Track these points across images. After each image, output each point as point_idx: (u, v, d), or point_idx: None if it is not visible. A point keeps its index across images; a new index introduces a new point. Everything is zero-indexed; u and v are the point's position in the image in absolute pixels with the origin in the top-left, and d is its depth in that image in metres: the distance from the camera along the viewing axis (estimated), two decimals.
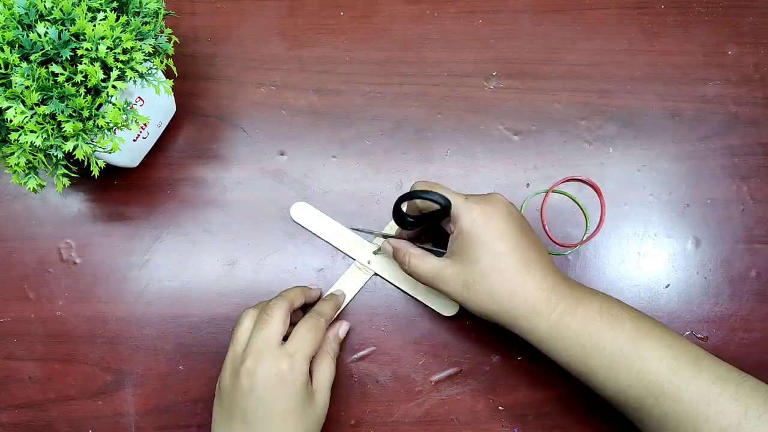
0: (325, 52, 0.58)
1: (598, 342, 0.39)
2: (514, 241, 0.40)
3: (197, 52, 0.58)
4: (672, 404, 0.37)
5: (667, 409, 0.37)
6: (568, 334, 0.39)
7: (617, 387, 0.39)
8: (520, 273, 0.40)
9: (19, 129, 0.39)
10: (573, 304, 0.40)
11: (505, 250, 0.40)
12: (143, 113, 0.46)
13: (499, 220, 0.41)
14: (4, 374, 0.52)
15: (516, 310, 0.40)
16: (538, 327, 0.40)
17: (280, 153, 0.55)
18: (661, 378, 0.37)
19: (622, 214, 0.54)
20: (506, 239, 0.40)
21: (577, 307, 0.40)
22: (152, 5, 0.44)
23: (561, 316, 0.39)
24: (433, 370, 0.51)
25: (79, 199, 0.54)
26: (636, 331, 0.39)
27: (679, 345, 0.39)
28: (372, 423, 0.50)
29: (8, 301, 0.53)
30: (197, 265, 0.53)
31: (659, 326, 0.40)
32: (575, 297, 0.40)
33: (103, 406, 0.51)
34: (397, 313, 0.52)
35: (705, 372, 0.37)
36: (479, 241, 0.40)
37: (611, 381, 0.39)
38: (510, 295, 0.40)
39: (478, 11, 0.58)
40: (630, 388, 0.38)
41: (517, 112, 0.56)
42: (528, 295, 0.40)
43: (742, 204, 0.54)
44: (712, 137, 0.55)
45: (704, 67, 0.57)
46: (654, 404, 0.38)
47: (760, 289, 0.52)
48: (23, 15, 0.39)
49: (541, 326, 0.40)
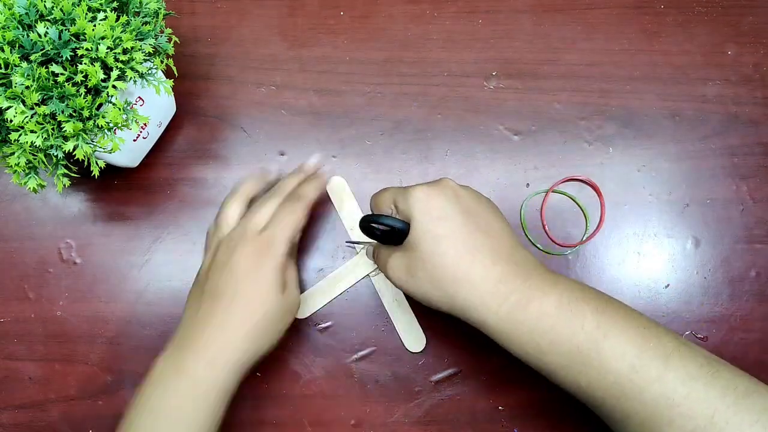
0: (325, 52, 0.58)
1: (553, 339, 0.36)
2: (457, 222, 0.38)
3: (197, 52, 0.58)
4: (634, 406, 0.34)
5: (629, 411, 0.35)
6: (520, 329, 0.36)
7: (577, 386, 0.36)
8: (463, 258, 0.37)
9: (20, 129, 0.39)
10: (525, 297, 0.36)
11: (446, 233, 0.37)
12: (143, 113, 0.46)
13: (440, 200, 0.38)
14: (4, 374, 0.52)
15: (464, 299, 0.37)
16: (487, 320, 0.37)
17: (280, 153, 0.55)
18: (622, 379, 0.34)
19: (622, 214, 0.54)
20: (447, 220, 0.38)
21: (530, 300, 0.36)
22: (152, 5, 0.44)
23: (511, 309, 0.36)
24: (433, 370, 0.51)
25: (79, 199, 0.54)
26: (597, 327, 0.35)
27: (645, 340, 0.35)
28: (372, 423, 0.50)
29: (8, 301, 0.53)
30: (197, 265, 0.53)
31: (626, 317, 0.36)
32: (529, 289, 0.37)
33: (103, 407, 0.51)
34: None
35: (672, 372, 0.34)
36: (419, 223, 0.38)
37: (569, 379, 0.36)
38: (453, 281, 0.37)
39: (478, 11, 0.58)
40: (590, 388, 0.35)
41: (517, 112, 0.56)
42: (475, 284, 0.37)
43: (741, 204, 0.54)
44: (712, 137, 0.55)
45: (704, 67, 0.57)
46: (615, 405, 0.35)
47: (760, 289, 0.52)
48: (23, 15, 0.39)
49: (489, 319, 0.37)
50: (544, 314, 0.36)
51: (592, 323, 0.35)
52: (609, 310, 0.37)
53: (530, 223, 0.54)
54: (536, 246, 0.53)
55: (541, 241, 0.53)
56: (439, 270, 0.37)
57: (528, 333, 0.36)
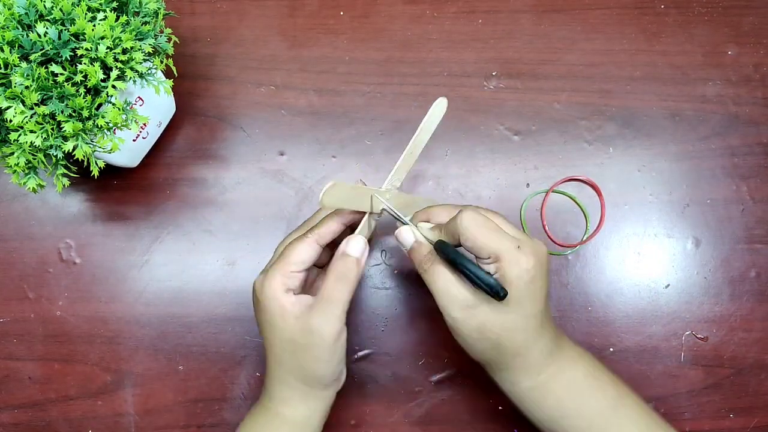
0: (325, 52, 0.58)
1: (580, 405, 0.39)
2: (543, 302, 0.38)
3: (197, 52, 0.58)
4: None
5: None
6: (549, 396, 0.39)
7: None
8: (535, 333, 0.38)
9: (19, 129, 0.39)
10: (561, 368, 0.40)
11: (534, 312, 0.38)
12: (143, 113, 0.46)
13: (539, 279, 0.37)
14: (4, 374, 0.52)
15: (508, 362, 0.39)
16: (520, 383, 0.39)
17: (279, 153, 0.55)
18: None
19: (622, 214, 0.54)
20: (538, 300, 0.38)
21: (565, 371, 0.40)
22: (152, 5, 0.44)
23: (548, 378, 0.39)
24: (433, 370, 0.51)
25: (79, 199, 0.54)
26: (616, 397, 0.40)
27: (650, 413, 0.40)
28: (372, 423, 0.50)
29: (8, 301, 0.53)
30: (197, 265, 0.53)
31: (633, 392, 0.41)
32: (564, 360, 0.40)
33: (103, 406, 0.51)
34: (397, 313, 0.52)
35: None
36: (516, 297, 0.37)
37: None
38: (514, 352, 0.38)
39: (478, 11, 0.58)
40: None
41: (517, 112, 0.56)
42: (528, 355, 0.38)
43: (742, 204, 0.54)
44: (712, 137, 0.55)
45: (704, 67, 0.57)
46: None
47: (760, 289, 0.52)
48: (23, 15, 0.39)
49: (523, 383, 0.39)
50: (574, 382, 0.40)
51: (613, 393, 0.40)
52: (620, 381, 0.41)
53: (530, 223, 0.54)
54: None
55: (541, 241, 0.53)
56: (509, 339, 0.38)
57: (556, 399, 0.39)
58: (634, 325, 0.52)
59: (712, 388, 0.50)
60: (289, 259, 0.39)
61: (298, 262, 0.39)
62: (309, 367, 0.40)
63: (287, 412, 0.41)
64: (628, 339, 0.51)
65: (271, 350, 0.40)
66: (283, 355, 0.40)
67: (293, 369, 0.40)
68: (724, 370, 0.51)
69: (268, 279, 0.39)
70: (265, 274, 0.40)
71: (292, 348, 0.39)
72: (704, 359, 0.51)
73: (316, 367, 0.39)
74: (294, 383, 0.41)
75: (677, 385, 0.51)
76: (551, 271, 0.53)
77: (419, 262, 0.40)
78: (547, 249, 0.40)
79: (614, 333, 0.51)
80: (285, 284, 0.39)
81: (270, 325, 0.39)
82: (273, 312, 0.39)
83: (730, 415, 0.50)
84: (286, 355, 0.40)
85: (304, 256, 0.40)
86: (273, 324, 0.39)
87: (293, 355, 0.39)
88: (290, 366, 0.40)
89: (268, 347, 0.41)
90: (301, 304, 0.39)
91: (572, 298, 0.52)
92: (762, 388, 0.50)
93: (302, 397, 0.41)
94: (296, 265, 0.39)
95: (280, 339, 0.39)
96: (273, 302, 0.39)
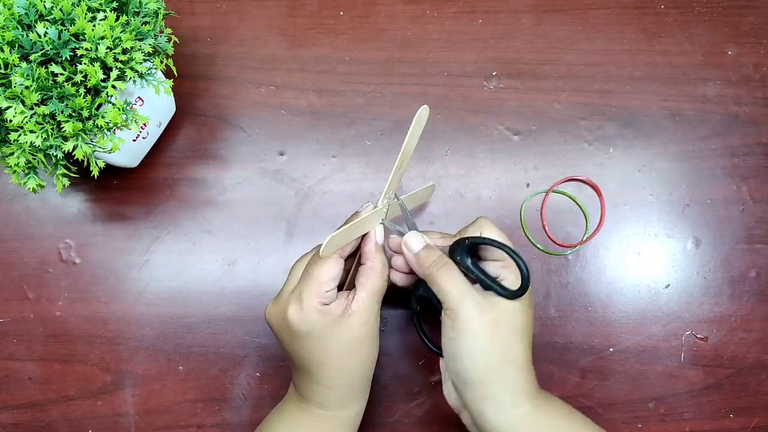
0: (325, 52, 0.58)
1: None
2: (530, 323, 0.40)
3: (197, 52, 0.58)
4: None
5: None
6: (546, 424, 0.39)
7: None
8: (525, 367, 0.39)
9: (19, 129, 0.39)
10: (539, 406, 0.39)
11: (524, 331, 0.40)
12: (143, 113, 0.46)
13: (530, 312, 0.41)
14: (4, 374, 0.52)
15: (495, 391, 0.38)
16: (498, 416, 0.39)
17: (279, 153, 0.55)
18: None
19: (622, 214, 0.54)
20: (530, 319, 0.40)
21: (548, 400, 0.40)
22: (152, 5, 0.44)
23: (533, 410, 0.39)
24: (433, 370, 0.51)
25: (79, 199, 0.54)
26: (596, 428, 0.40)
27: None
28: (372, 423, 0.50)
29: (8, 301, 0.53)
30: (197, 265, 0.53)
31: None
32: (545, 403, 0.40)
33: (103, 406, 0.51)
34: (397, 313, 0.52)
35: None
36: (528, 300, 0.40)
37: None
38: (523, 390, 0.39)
39: (478, 11, 0.58)
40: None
41: (517, 112, 0.56)
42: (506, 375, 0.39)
43: (742, 204, 0.54)
44: (712, 137, 0.55)
45: (704, 67, 0.57)
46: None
47: (760, 289, 0.52)
48: (23, 15, 0.39)
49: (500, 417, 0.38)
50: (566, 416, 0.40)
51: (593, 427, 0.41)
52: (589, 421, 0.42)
53: (530, 223, 0.54)
54: (536, 246, 0.53)
55: (541, 241, 0.53)
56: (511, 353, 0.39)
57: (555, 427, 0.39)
58: (634, 325, 0.52)
59: (712, 388, 0.50)
60: (321, 279, 0.40)
61: (328, 280, 0.40)
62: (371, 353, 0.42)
63: (342, 414, 0.43)
64: (628, 339, 0.51)
65: (326, 367, 0.41)
66: (341, 362, 0.41)
67: (356, 369, 0.42)
68: (724, 370, 0.51)
69: (306, 306, 0.39)
70: (300, 302, 0.40)
71: (349, 347, 0.40)
72: (704, 359, 0.51)
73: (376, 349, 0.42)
74: (357, 384, 0.42)
75: (677, 385, 0.51)
76: (552, 271, 0.53)
77: (429, 264, 0.41)
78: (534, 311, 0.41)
79: (614, 333, 0.51)
80: (322, 304, 0.40)
81: (322, 343, 0.40)
82: (324, 330, 0.40)
83: (730, 415, 0.50)
84: (344, 359, 0.41)
85: (334, 272, 0.40)
86: (325, 341, 0.40)
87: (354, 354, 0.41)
88: (353, 367, 0.41)
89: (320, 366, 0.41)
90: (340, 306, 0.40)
91: (572, 298, 0.52)
92: (762, 388, 0.50)
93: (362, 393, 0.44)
94: (328, 284, 0.40)
95: (337, 348, 0.40)
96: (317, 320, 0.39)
